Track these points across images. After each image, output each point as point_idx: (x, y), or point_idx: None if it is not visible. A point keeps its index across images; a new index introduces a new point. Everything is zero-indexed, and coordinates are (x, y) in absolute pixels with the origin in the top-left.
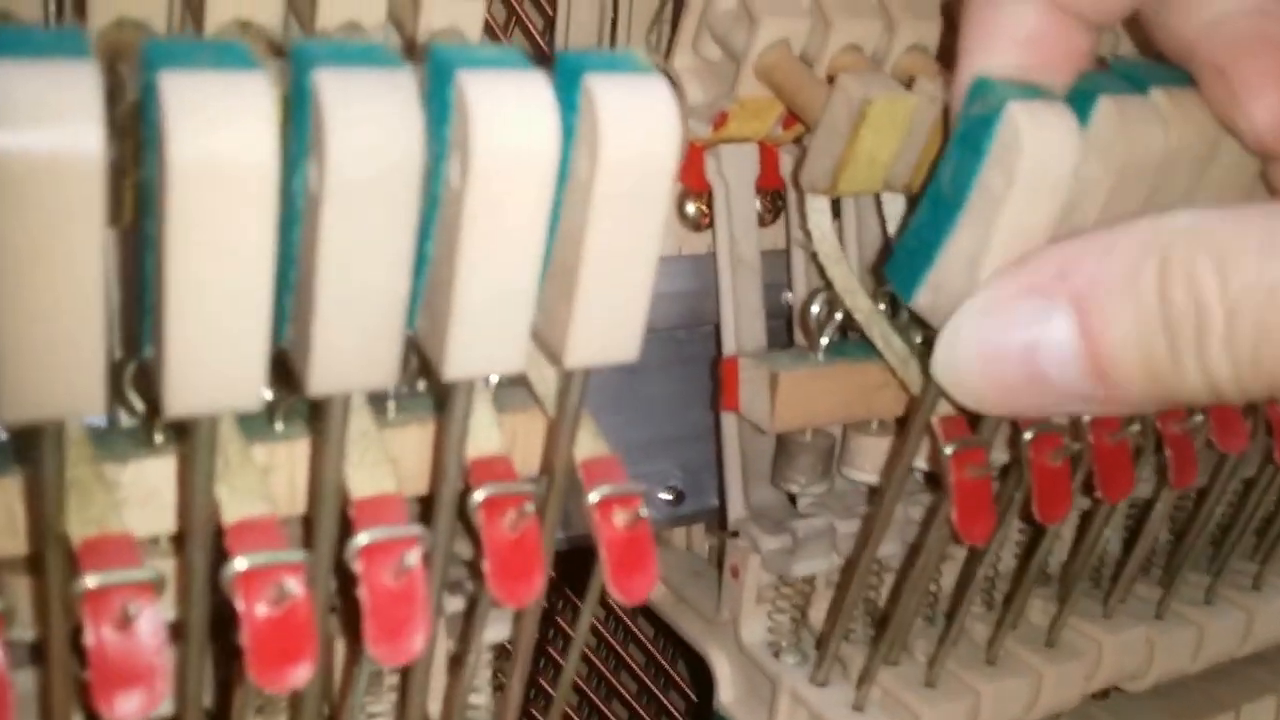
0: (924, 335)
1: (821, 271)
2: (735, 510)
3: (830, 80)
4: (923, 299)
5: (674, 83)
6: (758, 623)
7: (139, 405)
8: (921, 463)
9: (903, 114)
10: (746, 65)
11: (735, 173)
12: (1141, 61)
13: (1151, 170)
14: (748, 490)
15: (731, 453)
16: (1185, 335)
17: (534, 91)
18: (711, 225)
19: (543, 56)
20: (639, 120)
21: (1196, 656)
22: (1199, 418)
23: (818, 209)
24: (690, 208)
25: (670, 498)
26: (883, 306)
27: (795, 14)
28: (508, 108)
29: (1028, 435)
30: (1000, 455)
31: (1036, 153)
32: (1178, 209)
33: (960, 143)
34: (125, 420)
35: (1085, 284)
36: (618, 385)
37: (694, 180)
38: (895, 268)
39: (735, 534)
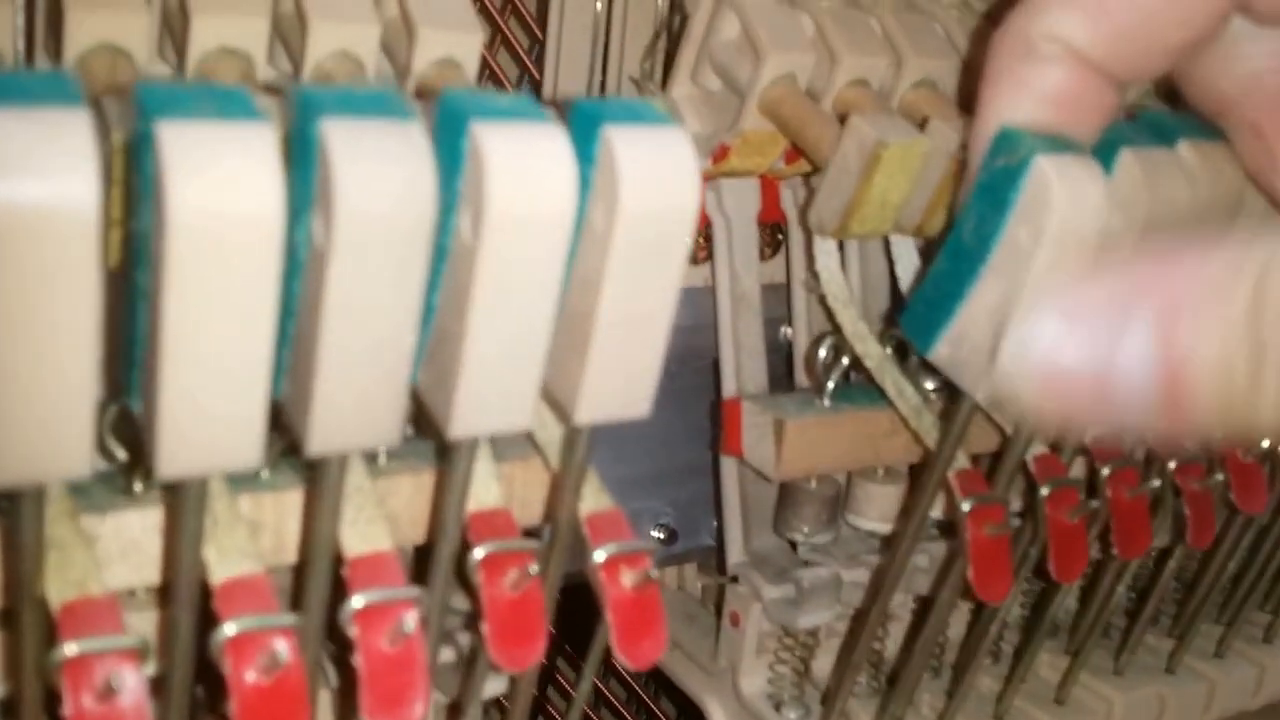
0: (937, 383)
1: (829, 314)
2: (734, 555)
3: (840, 118)
4: (943, 351)
5: (671, 112)
6: (758, 674)
7: (119, 453)
8: (934, 510)
9: (916, 158)
10: (751, 99)
11: (736, 207)
12: (1167, 112)
13: (1176, 224)
14: (748, 535)
15: (731, 496)
16: (1273, 359)
17: (551, 146)
18: (709, 258)
19: (531, 80)
20: (659, 174)
21: (1208, 710)
22: (1219, 476)
23: (826, 250)
24: None
25: (662, 536)
26: (889, 351)
27: (801, 48)
28: (524, 162)
29: (1044, 491)
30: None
31: (1065, 209)
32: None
33: (984, 194)
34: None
35: (1170, 300)
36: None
37: None
38: (911, 319)
39: (734, 579)
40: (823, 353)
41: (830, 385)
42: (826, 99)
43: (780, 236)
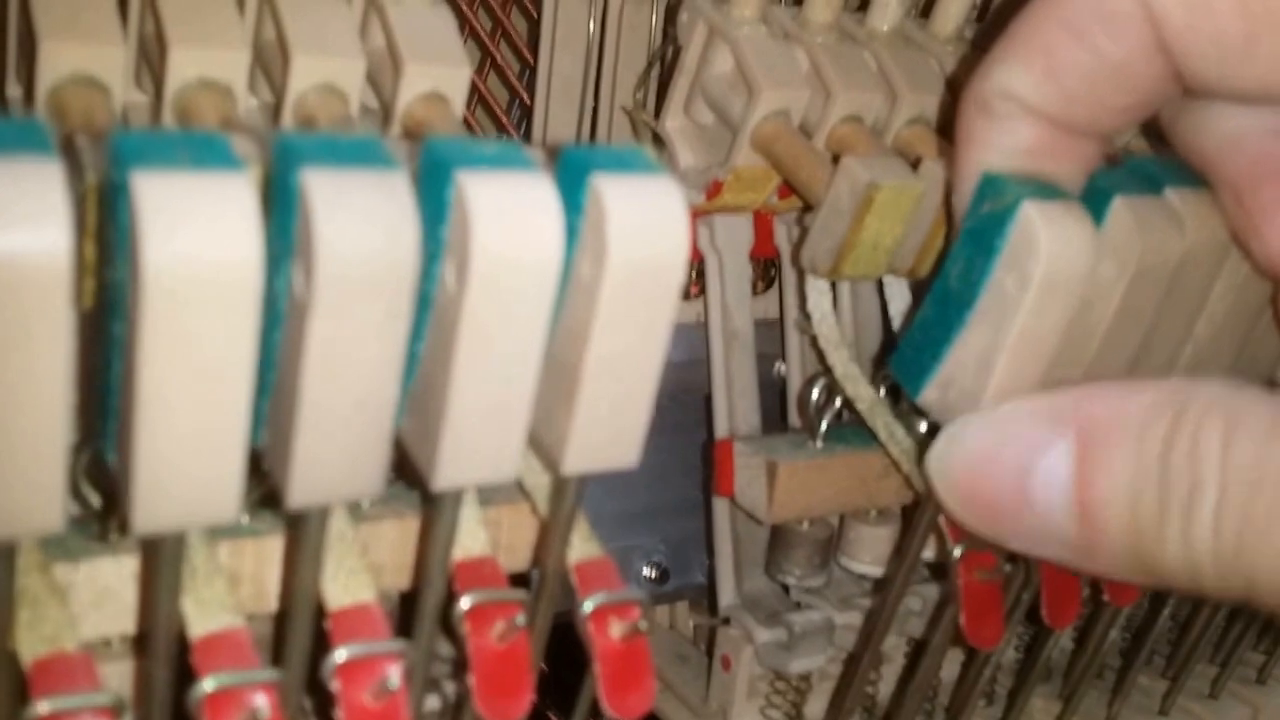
0: (929, 425)
1: (820, 356)
2: (726, 597)
3: (833, 157)
4: (931, 395)
5: (664, 145)
6: (749, 717)
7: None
8: (928, 553)
9: (909, 201)
10: (744, 136)
11: (729, 243)
12: (1154, 158)
13: (1167, 272)
14: (740, 577)
15: (723, 537)
16: (1177, 499)
17: (537, 196)
18: (701, 294)
19: (522, 105)
20: (648, 225)
21: None
22: None
23: (818, 290)
24: None
25: (653, 574)
26: (882, 392)
27: (795, 85)
28: (510, 213)
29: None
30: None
31: (1052, 256)
32: (1211, 375)
33: (970, 240)
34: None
35: (1094, 422)
36: None
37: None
38: (901, 362)
39: (726, 621)
40: (815, 394)
41: (823, 427)
42: (820, 135)
43: (774, 271)
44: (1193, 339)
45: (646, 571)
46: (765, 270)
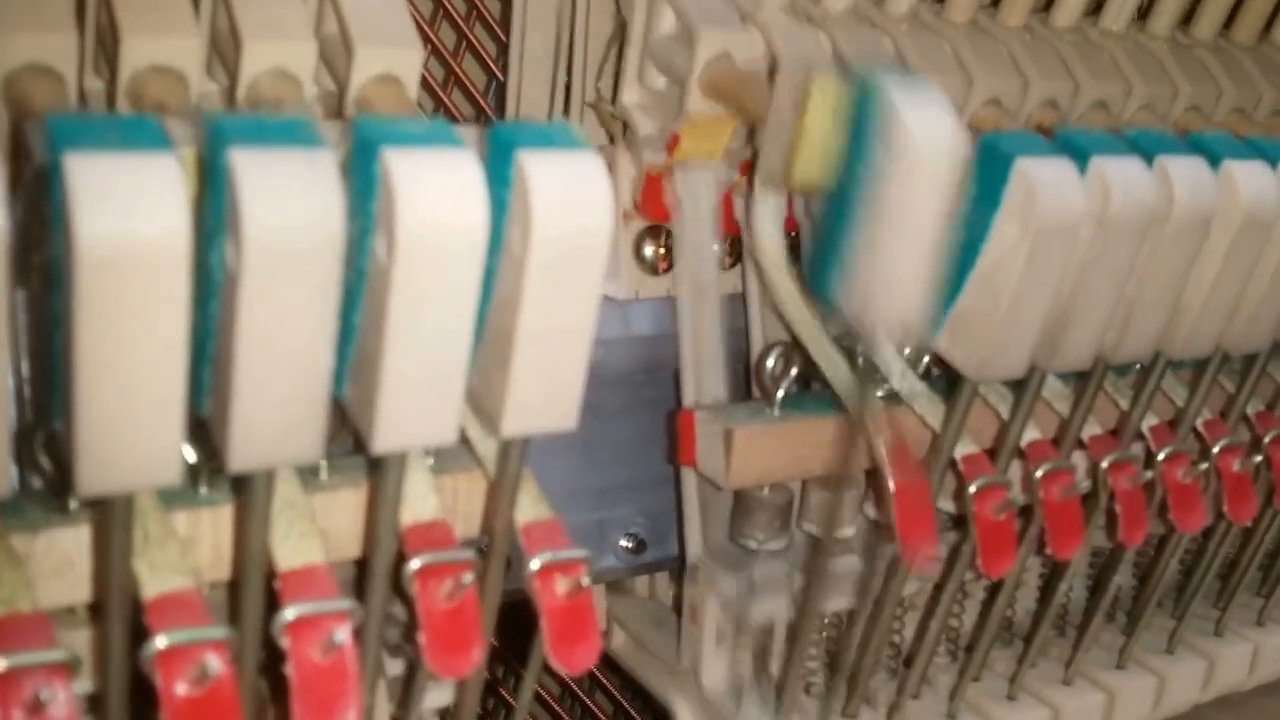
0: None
1: (760, 274)
2: (693, 551)
3: None
4: (842, 299)
5: (625, 122)
6: (718, 667)
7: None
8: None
9: (845, 100)
10: (691, 81)
11: (698, 191)
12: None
13: (1074, 237)
14: (707, 537)
15: (691, 501)
16: None
17: (461, 170)
18: (669, 268)
19: (498, 85)
20: (572, 197)
21: (1158, 706)
22: (1148, 474)
23: (764, 213)
24: (648, 250)
25: (631, 545)
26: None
27: (735, 26)
28: (434, 187)
29: (973, 489)
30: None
31: (919, 132)
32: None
33: (848, 140)
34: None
35: None
36: (577, 429)
37: (654, 211)
38: (812, 274)
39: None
40: (771, 362)
41: (779, 394)
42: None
43: (740, 249)
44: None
45: (624, 543)
46: (733, 246)
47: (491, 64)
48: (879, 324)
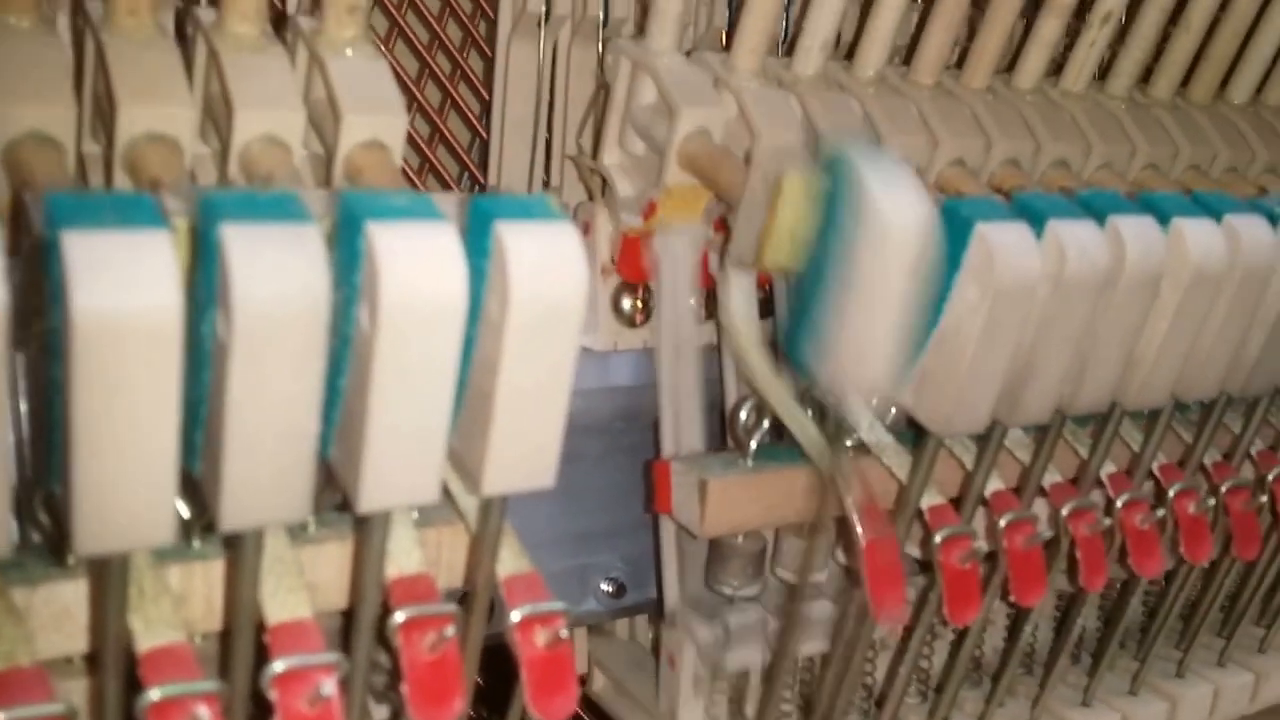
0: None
1: (733, 347)
2: (671, 600)
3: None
4: (815, 368)
5: (604, 180)
6: (695, 712)
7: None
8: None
9: (817, 186)
10: (670, 155)
11: (678, 251)
12: (1041, 194)
13: (1032, 297)
14: (684, 584)
15: (668, 548)
16: None
17: (442, 244)
18: (646, 321)
19: (481, 142)
20: (548, 266)
21: None
22: (1108, 520)
23: (738, 289)
24: (626, 304)
25: (611, 589)
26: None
27: (713, 103)
28: (416, 260)
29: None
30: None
31: (884, 200)
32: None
33: (825, 213)
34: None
35: None
36: (558, 477)
37: (632, 272)
38: (788, 343)
39: (671, 622)
40: (744, 415)
41: (753, 445)
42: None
43: (715, 303)
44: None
45: (605, 587)
46: (708, 299)
47: (475, 121)
48: (850, 390)
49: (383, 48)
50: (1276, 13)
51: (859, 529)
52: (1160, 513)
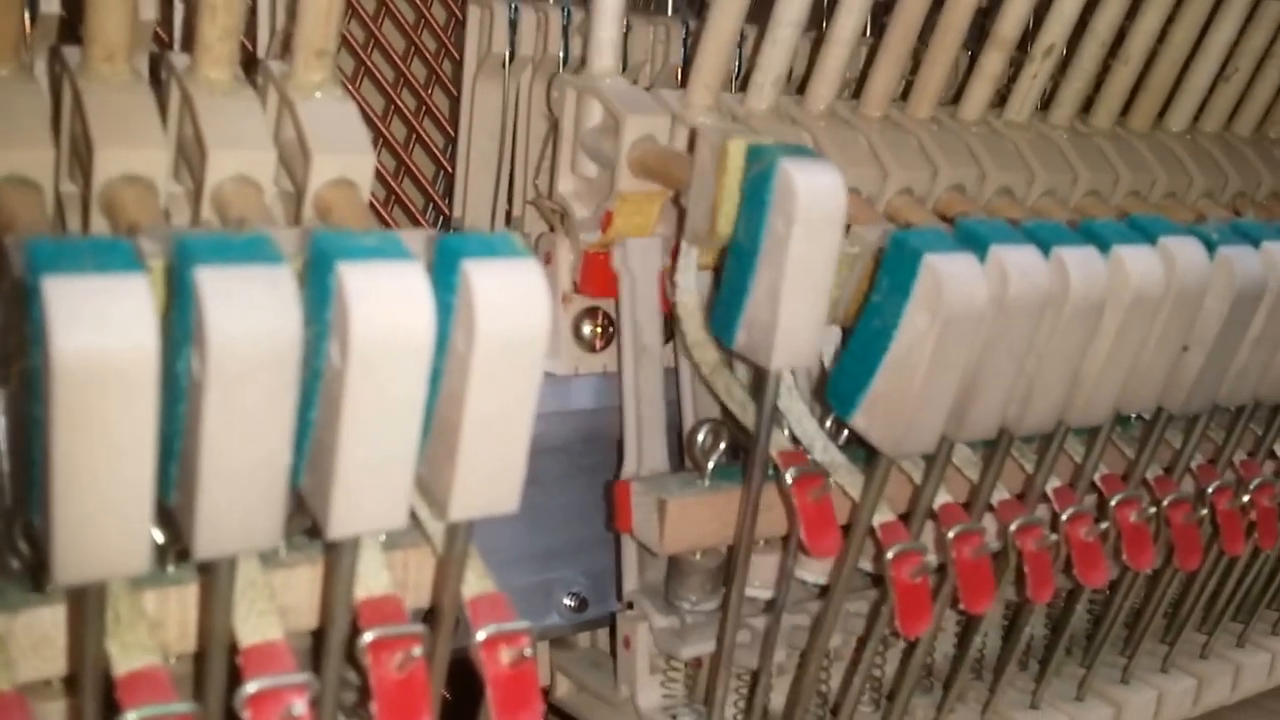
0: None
1: (678, 322)
2: (629, 584)
3: None
4: (741, 339)
5: (563, 212)
6: (653, 690)
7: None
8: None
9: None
10: (620, 162)
11: (641, 263)
12: (986, 220)
13: (979, 323)
14: (642, 569)
15: (629, 567)
16: None
17: (409, 282)
18: (606, 346)
19: (446, 175)
20: (512, 302)
21: None
22: (1053, 536)
23: (688, 266)
24: (586, 330)
25: (574, 604)
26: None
27: (657, 112)
28: (384, 299)
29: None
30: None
31: (808, 196)
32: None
33: (748, 201)
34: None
35: None
36: (521, 497)
37: (596, 287)
38: (716, 320)
39: (629, 605)
40: (701, 436)
41: (710, 466)
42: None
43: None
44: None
45: (568, 601)
46: (666, 323)
47: (440, 156)
48: (773, 358)
49: (350, 86)
50: (1212, 45)
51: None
52: (1104, 525)
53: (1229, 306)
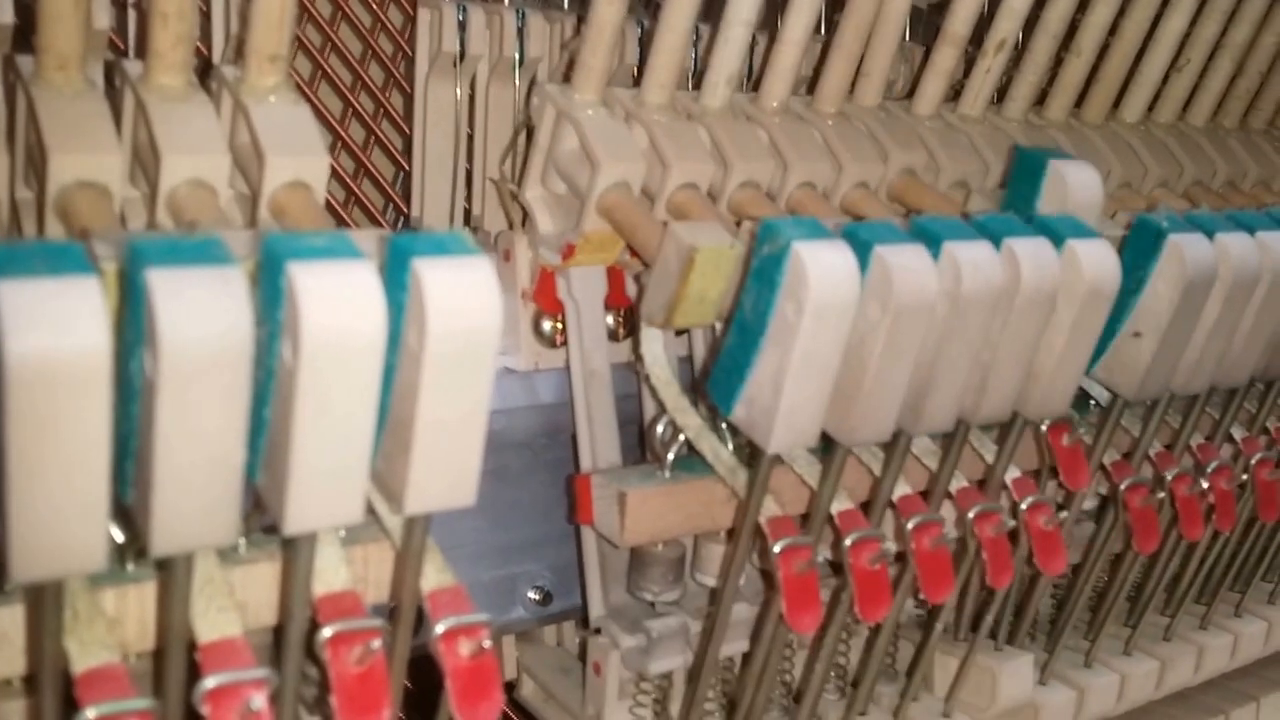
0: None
1: (654, 393)
2: (595, 609)
3: (676, 216)
4: (740, 412)
5: (526, 213)
6: (621, 717)
7: None
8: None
9: (727, 259)
10: (590, 204)
11: (584, 292)
12: (941, 217)
13: (930, 315)
14: (607, 593)
15: (591, 558)
16: None
17: (359, 281)
18: (565, 342)
19: (405, 174)
20: (463, 299)
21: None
22: (1011, 522)
23: (651, 336)
24: (546, 325)
25: (539, 598)
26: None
27: (633, 159)
28: (335, 298)
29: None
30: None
31: (821, 284)
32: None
33: (756, 277)
34: None
35: None
36: (484, 492)
37: (548, 302)
38: (714, 385)
39: (598, 631)
40: (660, 430)
41: (669, 458)
42: (660, 201)
43: (634, 320)
44: (979, 367)
45: (532, 595)
46: (627, 318)
47: (399, 156)
48: (772, 441)
49: (308, 90)
50: (1164, 36)
51: (771, 540)
52: (1063, 514)
53: (1180, 294)
